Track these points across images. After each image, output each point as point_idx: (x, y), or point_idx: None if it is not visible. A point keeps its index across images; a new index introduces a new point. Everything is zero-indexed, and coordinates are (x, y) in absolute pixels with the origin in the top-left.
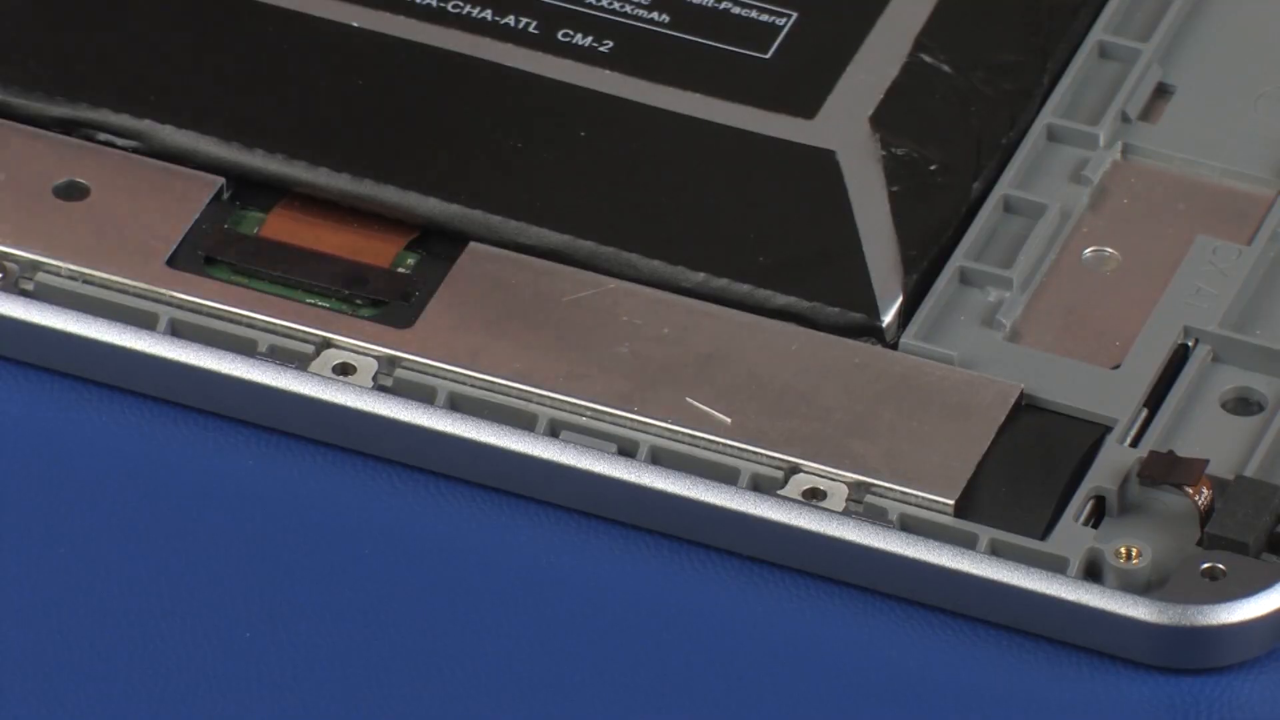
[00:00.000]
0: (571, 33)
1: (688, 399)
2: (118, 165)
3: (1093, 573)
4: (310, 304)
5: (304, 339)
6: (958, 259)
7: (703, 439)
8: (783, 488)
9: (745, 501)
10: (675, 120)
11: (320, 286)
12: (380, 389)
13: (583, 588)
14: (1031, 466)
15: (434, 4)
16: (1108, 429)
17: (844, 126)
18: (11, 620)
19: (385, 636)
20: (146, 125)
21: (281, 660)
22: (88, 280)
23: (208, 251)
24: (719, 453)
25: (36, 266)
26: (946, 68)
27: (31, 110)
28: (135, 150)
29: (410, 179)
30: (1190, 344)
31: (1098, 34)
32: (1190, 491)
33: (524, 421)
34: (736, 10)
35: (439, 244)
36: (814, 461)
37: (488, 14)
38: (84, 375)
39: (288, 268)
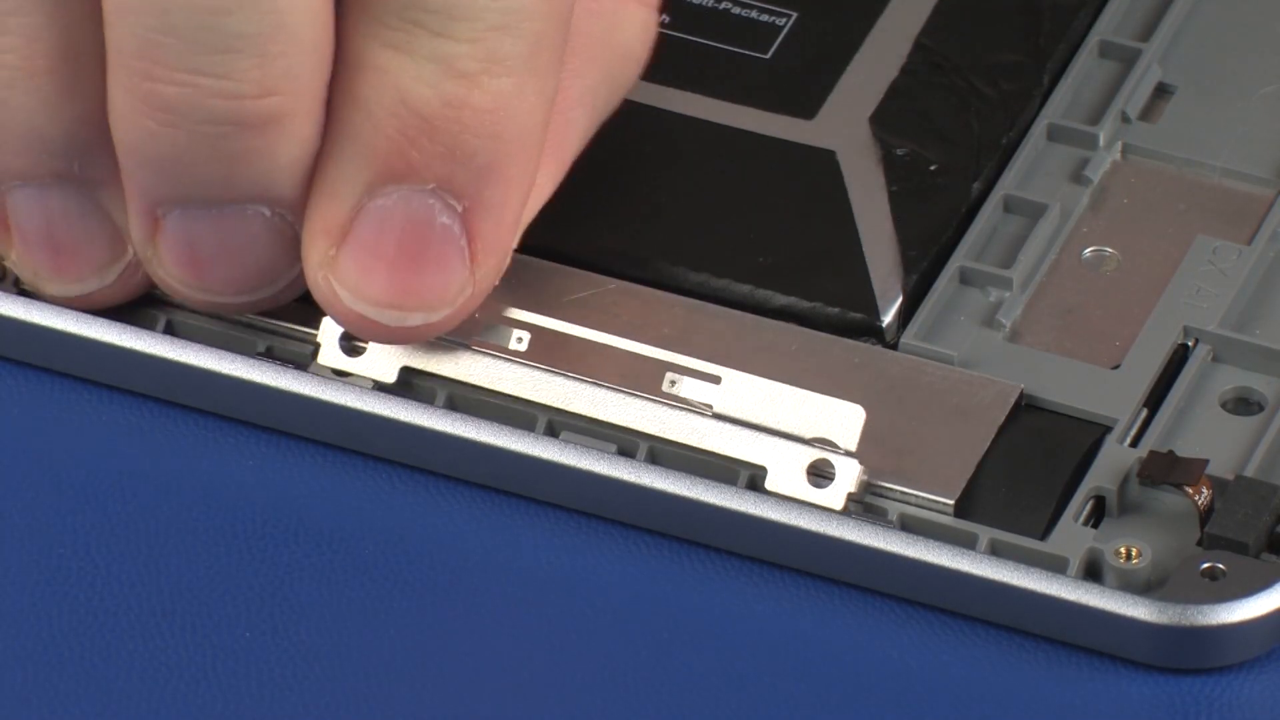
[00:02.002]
0: None
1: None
2: None
3: (1093, 573)
4: (310, 304)
5: (304, 339)
6: (958, 259)
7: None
8: None
9: (745, 501)
10: (675, 120)
11: None
12: (380, 389)
13: (583, 588)
14: (1031, 466)
15: None
16: (1108, 429)
17: (844, 126)
18: (12, 620)
19: (385, 636)
20: None
21: (281, 660)
22: None
23: None
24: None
25: None
26: (946, 68)
27: None
28: None
29: None
30: (1190, 344)
31: (1098, 34)
32: (1190, 491)
33: (524, 421)
34: (736, 10)
35: None
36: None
37: None
38: (84, 375)
39: None
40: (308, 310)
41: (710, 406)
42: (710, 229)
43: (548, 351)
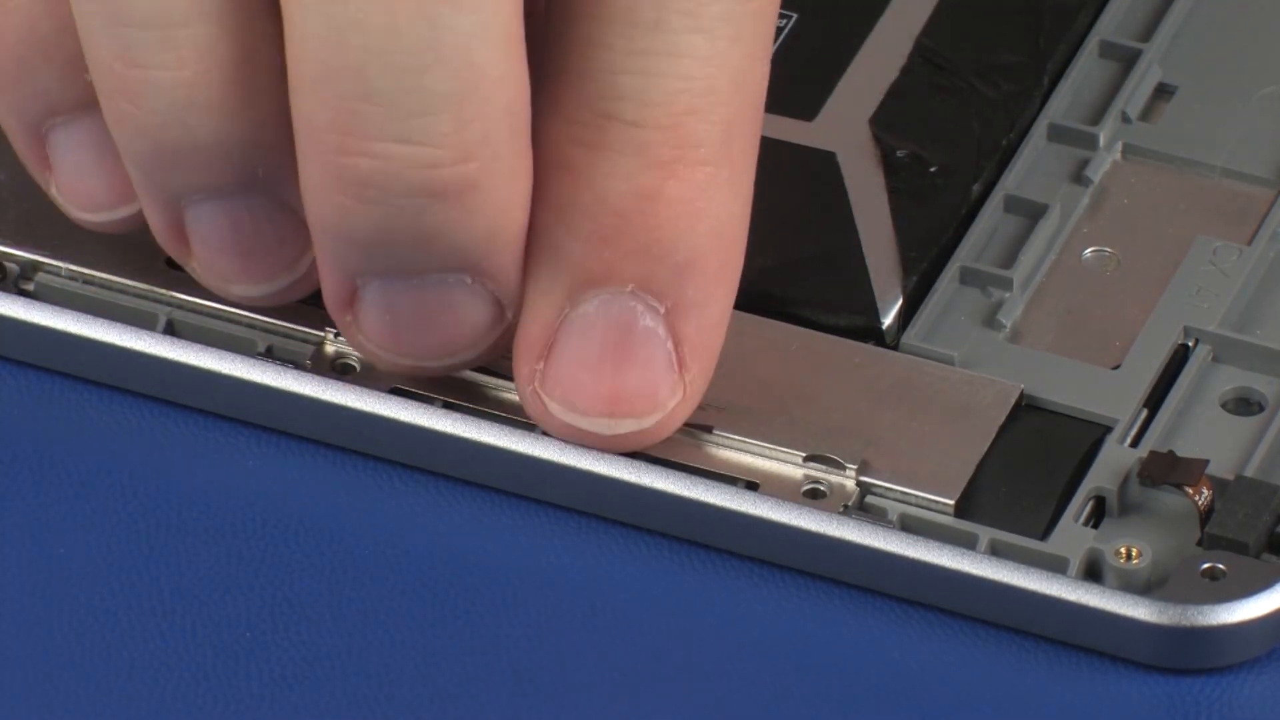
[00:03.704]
0: None
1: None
2: None
3: (1093, 573)
4: (310, 304)
5: (304, 339)
6: (958, 259)
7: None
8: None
9: (745, 501)
10: None
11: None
12: (380, 388)
13: (583, 588)
14: (1031, 466)
15: None
16: (1108, 429)
17: (844, 128)
18: (12, 620)
19: (385, 636)
20: None
21: (281, 660)
22: (88, 280)
23: None
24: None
25: (36, 266)
26: (946, 68)
27: None
28: None
29: None
30: (1190, 344)
31: (1098, 34)
32: (1190, 491)
33: (524, 421)
34: None
35: None
36: (814, 463)
37: None
38: (84, 375)
39: None
40: (308, 310)
41: (711, 428)
42: None
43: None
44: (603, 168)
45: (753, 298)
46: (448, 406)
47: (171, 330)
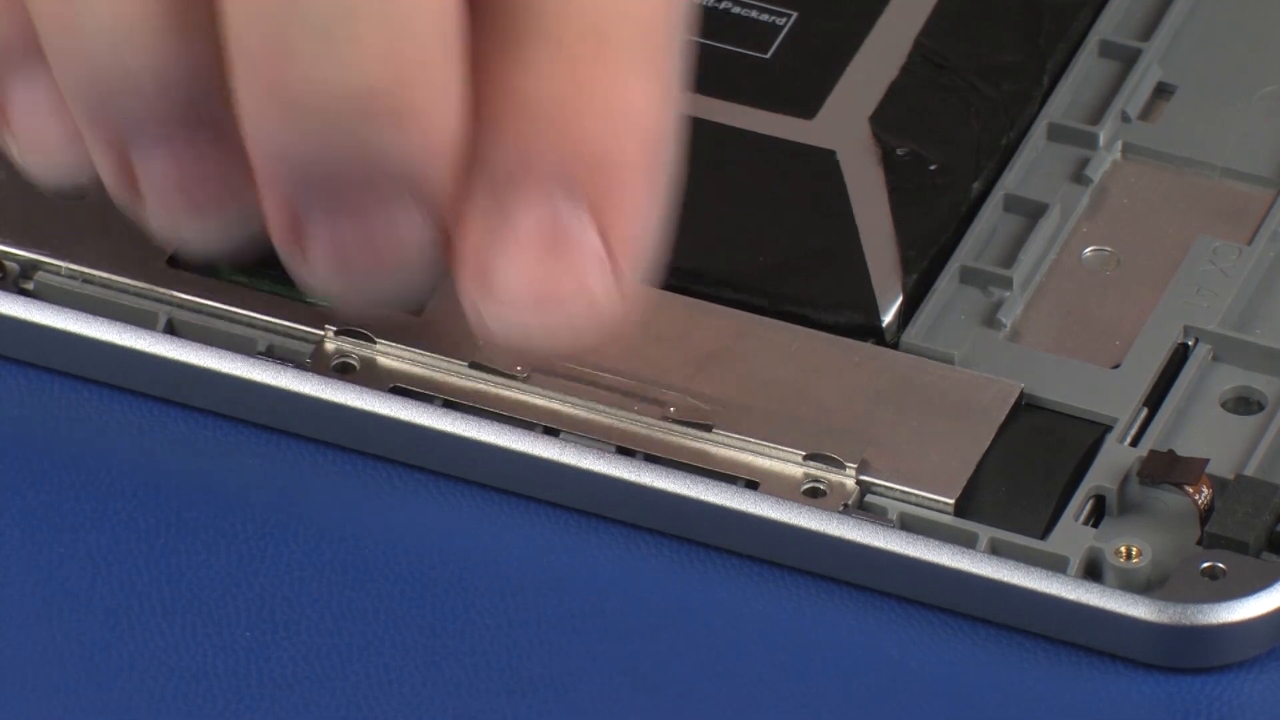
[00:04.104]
0: None
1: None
2: None
3: (1093, 572)
4: (310, 304)
5: (304, 338)
6: (958, 259)
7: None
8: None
9: (745, 501)
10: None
11: None
12: (380, 388)
13: (583, 588)
14: (1031, 466)
15: None
16: (1108, 428)
17: (844, 126)
18: (12, 620)
19: (385, 636)
20: None
21: (281, 660)
22: (88, 280)
23: None
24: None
25: (36, 266)
26: (946, 68)
27: None
28: None
29: None
30: (1190, 344)
31: (1098, 34)
32: (1190, 491)
33: (524, 420)
34: (736, 10)
35: None
36: (814, 461)
37: None
38: (84, 375)
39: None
40: (308, 310)
41: (711, 426)
42: (710, 229)
43: (546, 378)
44: (520, 72)
45: (753, 296)
46: (448, 406)
47: (171, 329)
